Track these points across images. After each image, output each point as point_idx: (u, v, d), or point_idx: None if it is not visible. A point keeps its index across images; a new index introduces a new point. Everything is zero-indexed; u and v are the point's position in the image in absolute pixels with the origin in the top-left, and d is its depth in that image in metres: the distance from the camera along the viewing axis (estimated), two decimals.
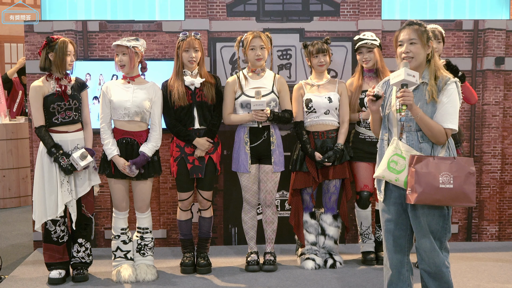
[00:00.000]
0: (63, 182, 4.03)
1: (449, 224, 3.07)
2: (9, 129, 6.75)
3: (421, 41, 3.02)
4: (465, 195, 2.95)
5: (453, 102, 2.99)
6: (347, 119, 4.43)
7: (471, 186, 2.96)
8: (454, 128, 3.01)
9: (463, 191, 2.94)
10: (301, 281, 4.16)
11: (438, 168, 2.94)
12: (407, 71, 2.96)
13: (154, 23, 4.96)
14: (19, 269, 4.48)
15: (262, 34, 4.30)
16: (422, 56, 3.03)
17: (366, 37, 4.36)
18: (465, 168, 2.95)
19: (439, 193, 2.94)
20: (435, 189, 2.94)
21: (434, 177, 2.93)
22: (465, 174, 2.95)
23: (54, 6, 5.30)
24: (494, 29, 5.03)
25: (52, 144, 3.99)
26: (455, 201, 2.97)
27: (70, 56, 4.04)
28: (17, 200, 6.87)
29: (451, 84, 3.01)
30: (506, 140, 5.12)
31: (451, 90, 3.00)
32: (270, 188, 4.39)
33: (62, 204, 4.01)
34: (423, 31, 3.03)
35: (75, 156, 3.97)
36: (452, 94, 3.00)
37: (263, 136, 4.32)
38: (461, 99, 3.15)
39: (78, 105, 4.09)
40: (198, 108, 4.23)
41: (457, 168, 2.95)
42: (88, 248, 4.21)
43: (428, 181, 2.94)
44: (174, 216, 4.91)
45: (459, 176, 2.94)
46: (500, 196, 5.16)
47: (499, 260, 4.64)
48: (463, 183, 2.94)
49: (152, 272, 4.22)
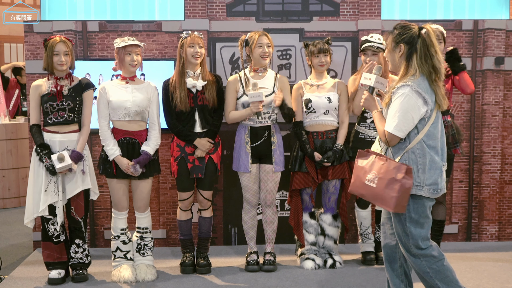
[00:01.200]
0: (50, 182, 4.02)
1: (410, 230, 3.05)
2: (8, 129, 6.75)
3: (389, 45, 3.11)
4: (383, 199, 3.01)
5: (394, 106, 3.01)
6: (347, 119, 4.43)
7: (391, 192, 2.97)
8: (388, 131, 3.02)
9: (382, 194, 3.01)
10: (300, 281, 4.16)
11: (371, 166, 3.08)
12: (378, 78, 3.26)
13: (154, 23, 4.95)
14: (18, 269, 4.47)
15: (265, 33, 4.32)
16: (391, 58, 3.13)
17: (373, 40, 4.31)
18: (391, 173, 2.98)
19: (364, 188, 3.10)
20: (361, 184, 3.11)
21: (364, 173, 3.10)
22: (389, 178, 2.98)
23: (53, 6, 5.30)
24: (494, 29, 5.03)
25: (39, 143, 4.00)
26: (375, 201, 3.08)
27: (58, 56, 4.00)
28: (16, 200, 6.87)
29: (401, 88, 3.00)
30: (506, 140, 5.12)
31: (398, 93, 3.01)
32: (271, 188, 4.39)
33: (44, 203, 4.00)
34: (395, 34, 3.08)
35: (53, 158, 3.95)
36: (397, 99, 3.00)
37: (264, 136, 4.32)
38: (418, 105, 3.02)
39: (73, 106, 4.05)
40: (199, 111, 4.23)
41: (384, 170, 3.01)
42: (86, 249, 4.20)
43: (359, 175, 3.14)
44: (174, 216, 4.91)
45: (383, 178, 3.00)
46: (500, 196, 5.16)
47: (499, 260, 4.64)
48: (385, 187, 2.99)
49: (152, 272, 4.22)
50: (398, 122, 2.98)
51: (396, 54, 3.09)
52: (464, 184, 5.14)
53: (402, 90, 2.99)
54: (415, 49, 3.02)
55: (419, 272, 3.12)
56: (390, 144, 3.05)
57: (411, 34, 3.03)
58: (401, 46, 3.05)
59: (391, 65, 3.18)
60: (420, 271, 3.10)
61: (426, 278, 3.11)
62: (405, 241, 3.08)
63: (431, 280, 3.08)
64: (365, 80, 3.32)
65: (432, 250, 3.08)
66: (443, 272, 3.07)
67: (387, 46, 3.15)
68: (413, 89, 2.97)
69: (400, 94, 2.99)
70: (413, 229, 3.05)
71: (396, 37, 3.06)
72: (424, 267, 3.07)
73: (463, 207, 5.15)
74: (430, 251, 3.07)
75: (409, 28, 3.05)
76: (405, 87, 2.98)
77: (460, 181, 5.13)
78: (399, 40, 3.05)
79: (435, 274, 3.06)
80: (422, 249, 3.06)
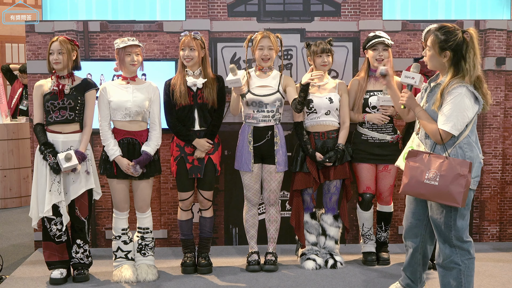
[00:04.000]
0: (53, 182, 4.03)
1: (454, 223, 3.18)
2: (10, 129, 6.76)
3: (434, 49, 3.17)
4: (449, 194, 3.08)
5: (451, 105, 3.10)
6: (348, 119, 4.43)
7: (458, 187, 3.06)
8: (445, 130, 3.11)
9: (448, 190, 3.08)
10: (301, 281, 4.16)
11: (428, 165, 3.14)
12: (421, 77, 3.31)
13: (155, 23, 4.96)
14: (20, 269, 4.48)
15: (271, 34, 4.31)
16: (435, 61, 3.20)
17: (383, 35, 4.34)
18: (455, 169, 3.07)
19: (423, 187, 3.14)
20: (419, 183, 3.15)
21: (422, 172, 3.14)
22: (454, 174, 3.07)
23: (55, 6, 5.30)
24: (495, 29, 5.03)
25: (43, 142, 4.01)
26: (439, 199, 3.12)
27: (53, 55, 4.02)
28: (18, 200, 6.88)
29: (458, 88, 3.10)
30: (507, 141, 5.12)
31: (455, 93, 3.09)
32: (274, 187, 4.39)
33: (49, 203, 4.00)
34: (440, 40, 3.15)
35: (60, 157, 3.96)
36: (454, 99, 3.09)
37: (267, 136, 4.32)
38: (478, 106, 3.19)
39: (74, 105, 4.06)
40: (198, 109, 4.23)
41: (446, 167, 3.09)
42: (87, 250, 4.21)
43: (415, 174, 3.17)
44: (175, 216, 4.91)
45: (447, 175, 3.08)
46: (501, 196, 5.16)
47: (500, 260, 4.64)
48: (449, 183, 3.07)
49: (153, 272, 4.22)
50: (456, 122, 3.09)
51: (441, 59, 3.17)
52: None
53: (459, 90, 3.09)
54: (461, 55, 3.12)
55: (448, 264, 3.24)
56: (443, 142, 3.15)
57: (457, 41, 3.12)
58: (447, 52, 3.14)
59: (431, 66, 3.25)
60: (450, 263, 3.23)
61: (452, 272, 3.23)
62: (446, 233, 3.21)
63: (457, 274, 3.23)
64: (407, 79, 3.34)
65: (470, 245, 3.25)
66: (471, 270, 3.24)
67: (429, 48, 3.21)
68: (469, 89, 3.10)
69: (457, 94, 3.09)
70: (458, 221, 3.19)
71: (442, 43, 3.14)
72: (457, 259, 3.22)
73: None
74: (468, 246, 3.24)
75: (454, 34, 3.13)
76: (462, 87, 3.09)
77: None
78: (446, 47, 3.13)
79: (465, 269, 3.22)
80: (463, 242, 3.22)
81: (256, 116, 4.30)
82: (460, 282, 3.23)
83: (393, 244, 4.74)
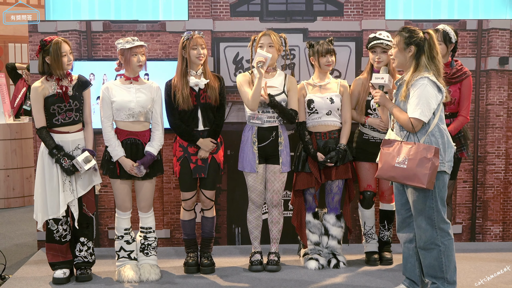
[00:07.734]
0: (65, 182, 4.04)
1: (435, 204, 3.48)
2: (13, 129, 6.77)
3: (399, 45, 3.52)
4: (416, 176, 3.39)
5: (416, 96, 3.41)
6: (350, 119, 4.42)
7: (423, 170, 3.37)
8: (415, 117, 3.40)
9: (415, 172, 3.39)
10: (304, 281, 4.16)
11: (398, 151, 3.48)
12: (389, 77, 3.70)
13: (158, 23, 4.96)
14: (23, 269, 4.49)
15: (273, 33, 4.30)
16: (401, 56, 3.54)
17: (382, 37, 4.29)
18: (421, 153, 3.39)
19: (394, 171, 3.47)
20: (391, 167, 3.49)
21: (393, 157, 3.48)
22: (420, 158, 3.38)
23: (58, 6, 5.31)
24: (498, 29, 5.02)
25: (53, 146, 3.99)
26: (407, 180, 3.43)
27: (66, 57, 4.01)
28: (21, 200, 6.89)
29: (420, 79, 3.43)
30: (510, 140, 5.11)
31: (418, 84, 3.42)
32: (278, 188, 4.39)
33: (64, 203, 4.02)
34: (405, 37, 3.51)
35: (79, 160, 3.98)
36: (417, 90, 3.41)
37: (271, 137, 4.32)
38: (444, 93, 3.50)
39: (79, 106, 4.08)
40: (202, 109, 4.23)
41: (414, 152, 3.41)
42: (91, 247, 4.22)
43: (387, 160, 3.51)
44: (178, 216, 4.91)
45: (414, 159, 3.40)
46: (504, 196, 5.15)
47: (503, 260, 4.63)
48: (416, 166, 3.39)
49: (156, 272, 4.23)
50: (423, 109, 3.39)
51: (406, 54, 3.51)
52: (468, 184, 5.13)
53: (421, 81, 3.42)
54: (423, 50, 3.48)
55: (429, 246, 3.51)
56: (416, 130, 3.44)
57: (419, 37, 3.48)
58: (411, 47, 3.49)
59: (398, 63, 3.59)
60: (431, 244, 3.50)
61: (432, 252, 3.50)
62: (430, 215, 3.49)
63: (438, 254, 3.49)
64: (377, 80, 3.72)
65: (449, 227, 3.54)
66: (450, 250, 3.52)
67: (396, 46, 3.56)
68: (431, 79, 3.43)
69: (420, 85, 3.41)
70: (439, 204, 3.48)
71: (407, 39, 3.50)
72: (437, 241, 3.49)
73: (467, 207, 5.14)
74: (448, 228, 3.53)
75: (417, 32, 3.50)
76: (423, 79, 3.42)
77: (464, 181, 5.12)
78: (410, 42, 3.49)
79: (445, 249, 3.49)
80: (446, 223, 3.51)
81: (261, 116, 4.29)
82: (440, 261, 3.50)
83: (396, 244, 4.73)
